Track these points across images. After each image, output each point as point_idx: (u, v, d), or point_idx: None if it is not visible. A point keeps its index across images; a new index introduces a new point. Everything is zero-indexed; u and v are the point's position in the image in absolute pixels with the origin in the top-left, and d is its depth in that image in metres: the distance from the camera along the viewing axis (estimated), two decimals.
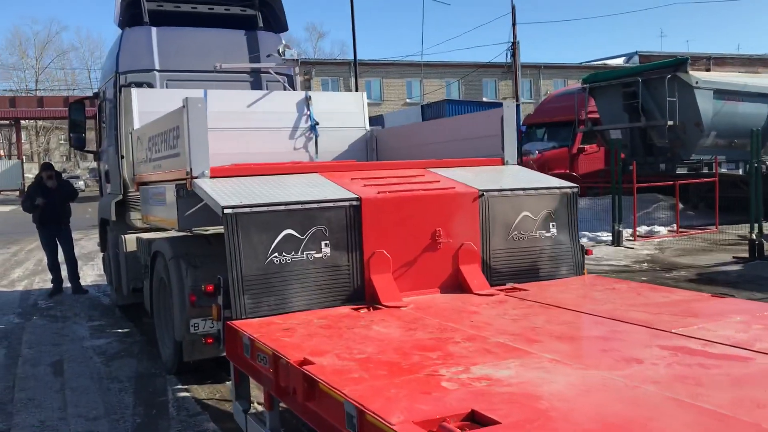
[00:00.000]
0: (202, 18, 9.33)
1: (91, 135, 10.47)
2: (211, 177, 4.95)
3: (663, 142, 16.07)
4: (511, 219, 5.15)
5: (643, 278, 10.54)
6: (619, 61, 55.83)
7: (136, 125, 7.17)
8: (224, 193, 4.56)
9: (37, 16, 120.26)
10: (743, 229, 15.37)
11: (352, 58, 21.86)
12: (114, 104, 8.50)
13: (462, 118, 6.83)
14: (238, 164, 6.15)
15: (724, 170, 16.83)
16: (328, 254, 4.56)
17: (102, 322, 8.68)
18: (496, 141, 6.04)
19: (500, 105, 6.45)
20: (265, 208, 4.39)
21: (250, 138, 7.66)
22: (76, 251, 11.32)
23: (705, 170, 16.80)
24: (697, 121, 15.69)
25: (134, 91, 7.35)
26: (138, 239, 7.64)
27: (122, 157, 8.13)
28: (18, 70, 71.10)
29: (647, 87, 15.91)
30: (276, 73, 9.20)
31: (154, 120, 6.17)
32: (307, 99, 7.97)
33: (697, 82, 15.48)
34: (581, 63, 57.95)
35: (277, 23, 9.70)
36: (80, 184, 53.36)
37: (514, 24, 22.36)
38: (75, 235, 11.23)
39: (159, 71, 8.65)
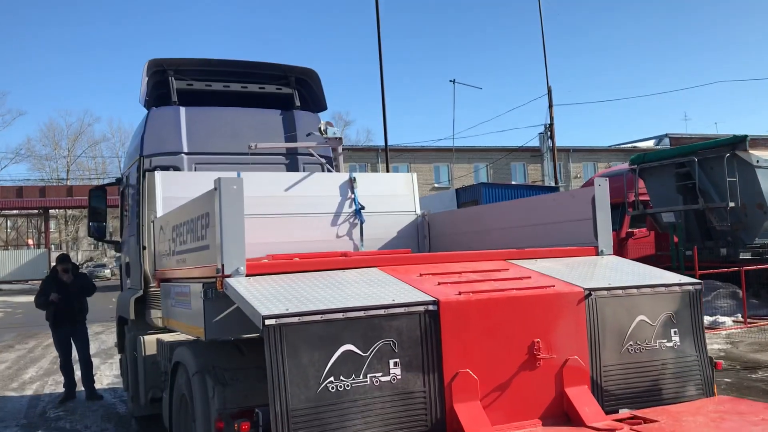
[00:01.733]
0: (235, 97, 8.64)
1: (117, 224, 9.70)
2: (247, 275, 3.97)
3: (723, 225, 14.91)
4: (625, 325, 4.06)
5: (727, 380, 9.21)
6: (650, 144, 55.23)
7: (160, 212, 6.29)
8: (264, 297, 3.56)
9: (72, 109, 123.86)
10: None
11: (378, 144, 21.32)
12: (137, 190, 7.69)
13: (538, 200, 5.84)
14: (276, 256, 5.18)
15: None
16: (399, 377, 3.49)
17: None
18: (585, 226, 5.01)
19: (543, 188, 5.47)
20: (317, 317, 3.37)
21: (287, 225, 6.74)
22: (95, 346, 10.33)
23: None
24: (760, 203, 14.56)
25: (158, 174, 6.51)
26: (158, 342, 6.64)
27: (144, 248, 7.26)
28: (50, 160, 72.34)
29: (702, 167, 14.92)
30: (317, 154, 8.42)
31: (179, 206, 5.27)
32: (351, 181, 7.08)
33: (758, 161, 14.45)
34: (610, 146, 57.43)
35: (316, 102, 8.98)
36: (107, 272, 53.10)
37: (550, 105, 21.77)
38: (96, 327, 10.31)
39: (187, 154, 7.88)
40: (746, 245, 15.18)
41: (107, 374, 11.55)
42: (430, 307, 3.59)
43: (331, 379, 3.33)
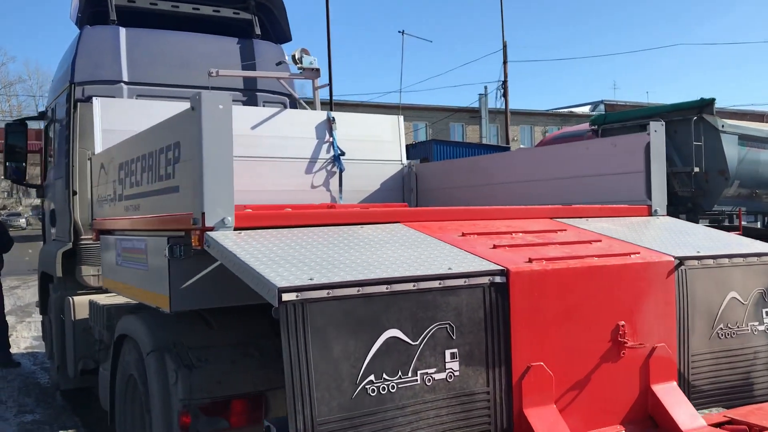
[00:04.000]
0: (185, 20, 7.39)
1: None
2: (235, 228, 2.92)
3: (686, 191, 14.49)
4: (715, 304, 3.23)
5: None
6: (585, 109, 55.62)
7: (99, 148, 5.10)
8: (270, 260, 2.53)
9: None
10: None
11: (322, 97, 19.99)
12: (66, 124, 6.42)
13: (564, 149, 4.97)
14: (259, 207, 4.13)
15: (744, 223, 15.40)
16: (456, 373, 2.55)
17: (37, 416, 6.41)
18: (631, 181, 4.17)
19: (496, 147, 4.66)
20: (354, 290, 2.37)
21: (253, 170, 5.65)
22: (10, 302, 8.99)
23: (726, 222, 15.33)
24: (722, 169, 14.16)
25: (97, 101, 5.30)
26: (92, 304, 5.52)
27: (74, 193, 6.07)
28: None
29: (666, 130, 14.40)
30: (279, 93, 7.31)
31: (130, 137, 4.12)
32: (330, 121, 6.01)
33: (723, 126, 14.02)
34: (547, 110, 57.52)
35: (279, 31, 7.81)
36: (22, 221, 49.98)
37: (505, 62, 20.99)
38: (11, 281, 8.95)
39: (127, 83, 6.64)
40: (705, 212, 14.88)
41: (25, 336, 10.22)
42: (497, 279, 2.65)
43: (371, 378, 2.36)
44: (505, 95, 21.54)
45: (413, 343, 2.45)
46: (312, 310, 2.28)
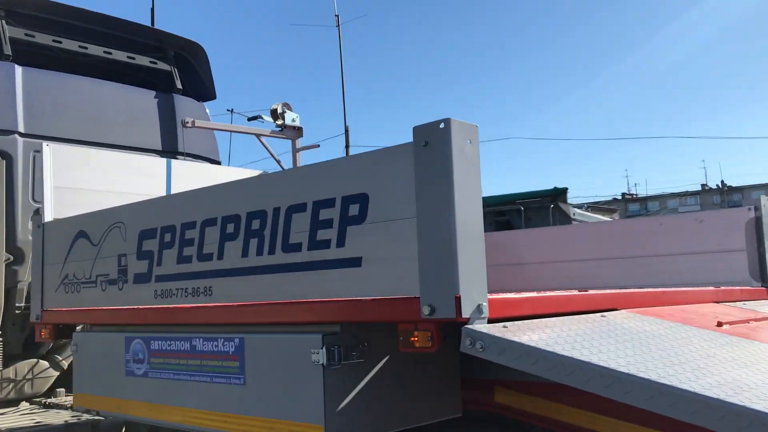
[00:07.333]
0: (95, 66, 6.22)
1: None
2: (489, 319, 1.99)
3: None
4: None
5: None
6: None
7: (49, 213, 3.74)
8: (640, 370, 1.66)
9: None
10: None
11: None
12: None
13: (632, 224, 4.58)
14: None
15: None
16: None
17: None
18: (734, 261, 3.80)
19: None
20: None
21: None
22: None
23: None
24: None
25: (47, 149, 3.98)
26: None
27: None
28: None
29: (522, 216, 14.96)
30: (191, 155, 6.31)
31: (194, 190, 2.94)
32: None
33: (573, 214, 14.84)
34: None
35: (201, 88, 6.84)
36: None
37: (347, 146, 20.87)
38: None
39: (23, 135, 5.30)
40: None
41: None
42: None
43: None
44: None
45: None
46: None
